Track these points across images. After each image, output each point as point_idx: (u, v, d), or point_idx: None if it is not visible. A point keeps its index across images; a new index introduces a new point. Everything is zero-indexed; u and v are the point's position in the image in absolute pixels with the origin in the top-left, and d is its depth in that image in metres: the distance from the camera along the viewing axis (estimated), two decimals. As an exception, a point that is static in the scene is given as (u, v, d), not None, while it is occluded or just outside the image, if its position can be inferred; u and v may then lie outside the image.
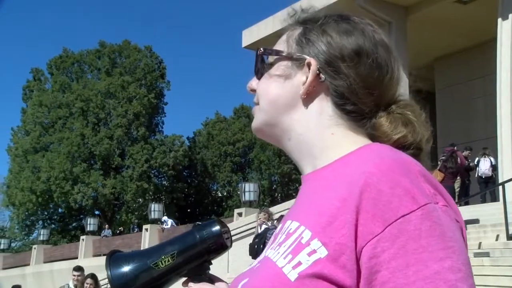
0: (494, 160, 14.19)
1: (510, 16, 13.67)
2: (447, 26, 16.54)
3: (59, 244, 34.70)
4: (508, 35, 13.58)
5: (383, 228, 0.77)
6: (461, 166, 14.17)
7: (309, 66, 0.93)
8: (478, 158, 14.62)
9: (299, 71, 0.95)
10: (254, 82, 1.02)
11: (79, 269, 8.39)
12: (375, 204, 0.78)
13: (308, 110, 0.94)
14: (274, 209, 14.54)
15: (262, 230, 9.63)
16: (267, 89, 0.98)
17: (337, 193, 0.83)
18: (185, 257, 1.01)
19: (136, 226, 37.69)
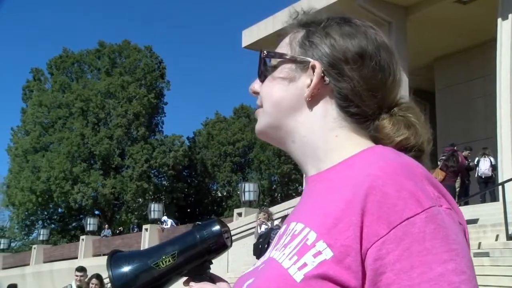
0: (494, 160, 14.17)
1: (510, 16, 13.66)
2: (447, 26, 16.53)
3: (59, 244, 34.69)
4: (508, 35, 13.58)
5: (388, 230, 0.77)
6: (461, 166, 14.16)
7: (313, 68, 0.94)
8: (478, 158, 14.60)
9: (303, 74, 0.95)
10: (256, 84, 1.02)
11: (82, 269, 8.35)
12: (380, 206, 0.79)
13: (312, 113, 0.95)
14: (274, 209, 14.55)
15: (266, 230, 9.64)
16: (271, 91, 0.98)
17: (341, 195, 0.83)
18: (185, 257, 1.01)
19: (136, 226, 37.70)
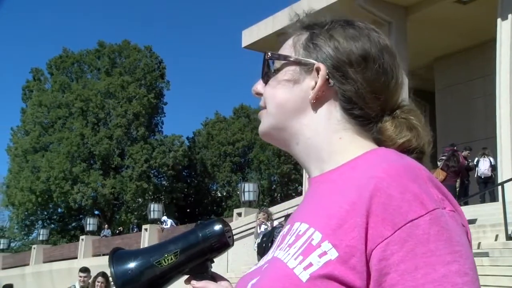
0: (493, 160, 14.17)
1: (509, 16, 13.67)
2: (447, 26, 16.53)
3: (59, 244, 34.69)
4: (508, 35, 13.58)
5: (393, 231, 0.78)
6: (461, 166, 14.16)
7: (318, 71, 0.95)
8: (477, 158, 14.59)
9: (308, 76, 0.96)
10: (259, 85, 1.03)
11: (86, 270, 8.31)
12: (385, 208, 0.80)
13: (317, 115, 0.96)
14: (273, 209, 14.57)
15: (266, 230, 9.66)
16: (275, 93, 0.99)
17: (345, 196, 0.84)
18: (187, 255, 1.01)
19: (135, 226, 37.70)
